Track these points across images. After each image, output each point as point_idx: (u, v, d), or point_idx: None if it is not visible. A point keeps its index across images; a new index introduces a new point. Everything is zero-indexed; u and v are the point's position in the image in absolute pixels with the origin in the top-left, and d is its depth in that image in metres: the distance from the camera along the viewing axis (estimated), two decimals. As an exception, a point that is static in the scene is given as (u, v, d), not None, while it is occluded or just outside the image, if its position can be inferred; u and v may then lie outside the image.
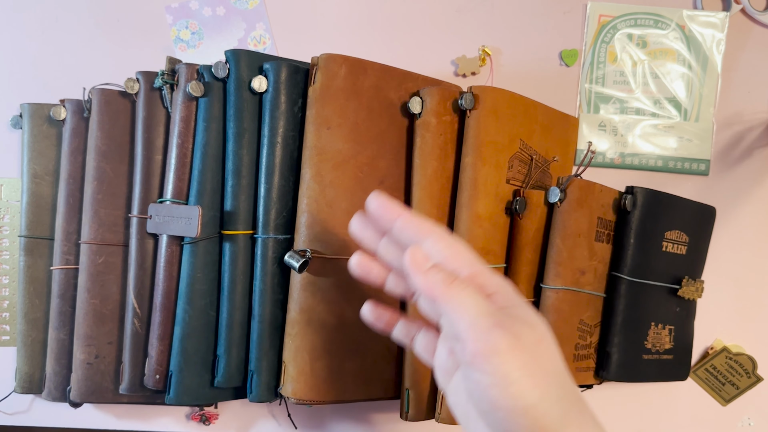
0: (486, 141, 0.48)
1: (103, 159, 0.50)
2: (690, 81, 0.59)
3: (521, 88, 0.51)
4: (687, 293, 0.53)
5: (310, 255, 0.46)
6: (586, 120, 0.59)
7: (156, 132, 0.50)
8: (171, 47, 0.60)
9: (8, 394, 0.56)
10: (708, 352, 0.58)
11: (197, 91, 0.47)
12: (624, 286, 0.51)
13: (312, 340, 0.47)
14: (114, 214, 0.51)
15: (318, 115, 0.47)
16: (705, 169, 0.59)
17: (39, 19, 0.59)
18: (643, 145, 0.59)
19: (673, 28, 0.59)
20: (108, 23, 0.59)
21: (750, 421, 0.59)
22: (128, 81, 0.50)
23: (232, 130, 0.48)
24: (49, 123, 0.54)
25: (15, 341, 0.56)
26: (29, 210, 0.53)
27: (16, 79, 0.59)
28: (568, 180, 0.48)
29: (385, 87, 0.49)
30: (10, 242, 0.57)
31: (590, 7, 0.59)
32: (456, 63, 0.59)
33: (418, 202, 0.49)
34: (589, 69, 0.59)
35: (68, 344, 0.51)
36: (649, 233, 0.51)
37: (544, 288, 0.49)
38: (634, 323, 0.52)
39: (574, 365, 0.50)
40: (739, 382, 0.58)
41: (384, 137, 0.50)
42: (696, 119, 0.59)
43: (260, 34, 0.60)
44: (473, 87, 0.48)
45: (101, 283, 0.50)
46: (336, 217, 0.47)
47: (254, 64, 0.48)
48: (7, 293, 0.57)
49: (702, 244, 0.56)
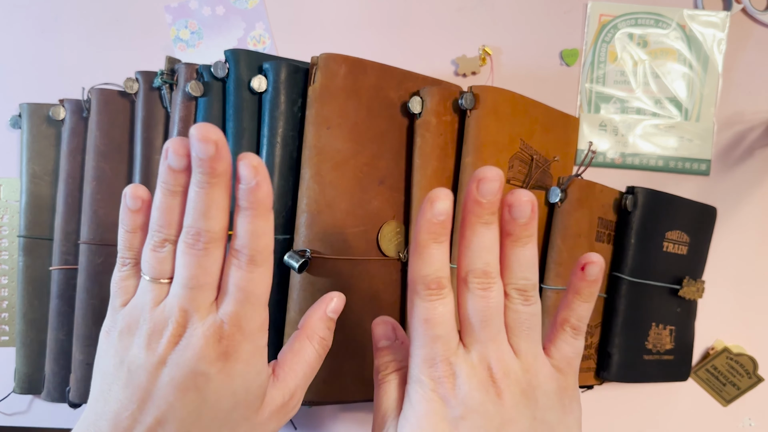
0: (486, 141, 0.48)
1: (102, 159, 0.50)
2: (691, 81, 0.59)
3: (521, 87, 0.51)
4: (688, 293, 0.53)
5: (309, 255, 0.46)
6: (587, 120, 0.59)
7: (155, 132, 0.50)
8: (170, 47, 0.60)
9: (7, 395, 0.55)
10: (709, 353, 0.58)
11: (196, 91, 0.47)
12: (625, 287, 0.51)
13: (312, 341, 0.47)
14: (113, 214, 0.51)
15: (318, 115, 0.47)
16: (706, 169, 0.59)
17: (38, 19, 0.59)
18: (644, 145, 0.59)
19: (673, 28, 0.58)
20: (107, 23, 0.59)
21: (751, 421, 0.59)
22: (127, 81, 0.50)
23: (232, 129, 0.48)
24: (48, 123, 0.54)
25: (14, 341, 0.56)
26: (28, 210, 0.53)
27: (15, 78, 0.59)
28: (569, 180, 0.48)
29: (385, 87, 0.49)
30: (9, 242, 0.57)
31: (591, 7, 0.59)
32: (456, 63, 0.59)
33: (418, 202, 0.49)
34: (590, 69, 0.59)
35: (67, 345, 0.51)
36: (649, 233, 0.51)
37: (545, 288, 0.49)
38: (635, 323, 0.51)
39: (575, 366, 0.50)
40: (740, 382, 0.58)
41: (384, 137, 0.49)
42: (697, 119, 0.59)
43: (260, 34, 0.60)
44: (473, 87, 0.48)
45: (100, 284, 0.50)
46: (336, 217, 0.47)
47: (254, 64, 0.48)
48: (6, 293, 0.57)
49: (703, 245, 0.56)
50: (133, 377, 0.28)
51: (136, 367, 0.28)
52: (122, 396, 0.28)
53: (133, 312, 0.30)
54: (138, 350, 0.28)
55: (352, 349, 0.49)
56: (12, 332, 0.57)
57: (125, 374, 0.28)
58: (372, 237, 0.49)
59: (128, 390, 0.28)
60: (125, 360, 0.28)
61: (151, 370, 0.28)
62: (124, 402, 0.28)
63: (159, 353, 0.28)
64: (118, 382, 0.28)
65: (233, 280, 0.29)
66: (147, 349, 0.28)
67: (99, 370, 0.30)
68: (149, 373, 0.28)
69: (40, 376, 0.53)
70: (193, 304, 0.28)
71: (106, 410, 0.28)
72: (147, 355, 0.28)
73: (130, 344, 0.29)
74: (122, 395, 0.28)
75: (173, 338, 0.28)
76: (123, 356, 0.28)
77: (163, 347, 0.28)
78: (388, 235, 0.50)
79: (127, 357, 0.28)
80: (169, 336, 0.28)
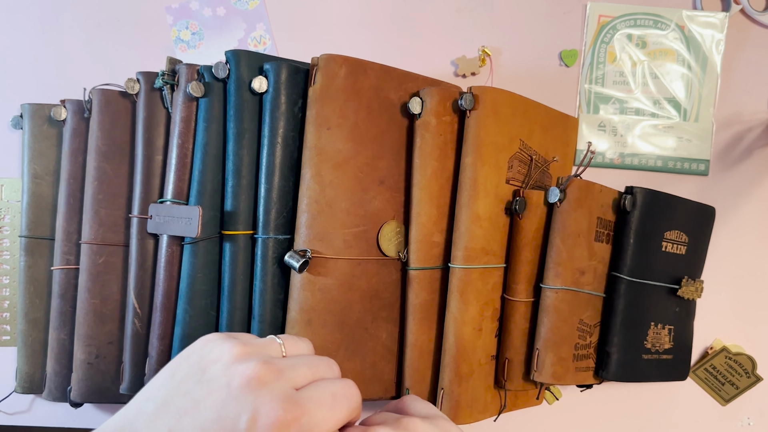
0: (486, 141, 0.48)
1: (103, 159, 0.51)
2: (689, 81, 0.59)
3: (521, 88, 0.52)
4: (686, 293, 0.53)
5: (310, 255, 0.46)
6: (586, 120, 0.59)
7: (156, 132, 0.50)
8: (171, 47, 0.60)
9: (9, 394, 0.56)
10: (707, 352, 0.58)
11: (197, 92, 0.47)
12: (623, 286, 0.51)
13: (312, 340, 0.47)
14: (114, 214, 0.51)
15: (318, 116, 0.47)
16: (704, 169, 0.59)
17: (39, 20, 0.59)
18: (643, 146, 0.59)
19: (672, 29, 0.59)
20: (108, 23, 0.59)
21: (750, 420, 0.59)
22: (129, 81, 0.50)
23: (233, 130, 0.48)
24: (49, 123, 0.54)
25: (15, 341, 0.56)
26: (30, 210, 0.53)
27: (17, 79, 0.59)
28: (568, 180, 0.48)
29: (385, 87, 0.50)
30: (10, 242, 0.57)
31: (590, 8, 0.59)
32: (456, 63, 0.59)
33: (418, 202, 0.49)
34: (589, 69, 0.59)
35: (69, 344, 0.51)
36: (648, 233, 0.51)
37: (544, 288, 0.49)
38: (634, 323, 0.52)
39: (574, 365, 0.50)
40: (738, 381, 0.58)
41: (384, 137, 0.50)
42: (695, 119, 0.59)
43: (260, 35, 0.60)
44: (473, 87, 0.48)
45: (102, 283, 0.50)
46: (336, 217, 0.47)
47: (254, 65, 0.48)
48: (7, 293, 0.57)
49: (701, 244, 0.56)
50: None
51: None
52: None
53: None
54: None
55: (352, 349, 0.49)
56: (13, 332, 0.57)
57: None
58: (372, 237, 0.49)
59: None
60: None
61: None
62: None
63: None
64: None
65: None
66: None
67: None
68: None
69: (42, 375, 0.53)
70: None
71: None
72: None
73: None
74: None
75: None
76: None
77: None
78: (388, 235, 0.50)
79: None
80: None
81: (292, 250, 0.47)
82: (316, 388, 0.28)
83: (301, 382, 0.28)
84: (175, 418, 0.26)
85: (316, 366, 0.30)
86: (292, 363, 0.29)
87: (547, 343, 0.48)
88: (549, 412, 0.59)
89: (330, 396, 0.28)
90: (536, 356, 0.49)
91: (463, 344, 0.48)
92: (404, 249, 0.51)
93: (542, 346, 0.49)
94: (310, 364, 0.29)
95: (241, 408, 0.25)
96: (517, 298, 0.50)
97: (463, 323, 0.48)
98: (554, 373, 0.48)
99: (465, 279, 0.48)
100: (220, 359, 0.27)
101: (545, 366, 0.48)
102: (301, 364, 0.29)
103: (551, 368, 0.48)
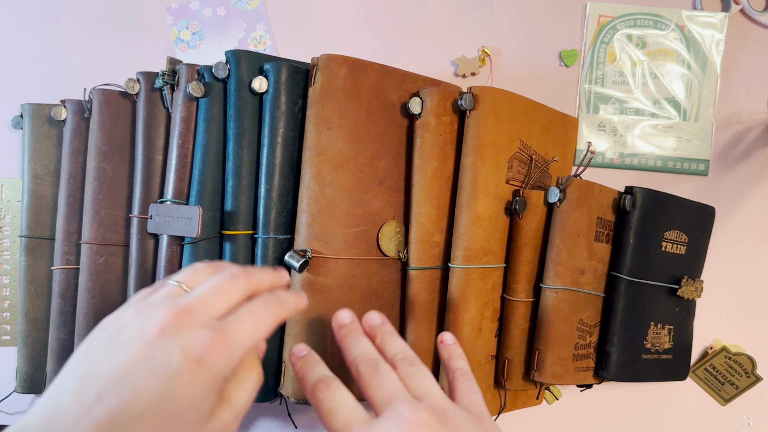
0: (486, 141, 0.48)
1: (103, 159, 0.51)
2: (689, 81, 0.59)
3: (521, 88, 0.52)
4: (686, 293, 0.53)
5: (310, 255, 0.46)
6: (586, 120, 0.59)
7: (156, 132, 0.50)
8: (171, 48, 0.60)
9: (9, 394, 0.56)
10: (707, 352, 0.58)
11: (198, 92, 0.48)
12: (623, 286, 0.51)
13: (312, 341, 0.47)
14: (115, 214, 0.51)
15: (318, 116, 0.47)
16: (704, 169, 0.59)
17: (40, 20, 0.59)
18: (643, 146, 0.59)
19: (672, 29, 0.59)
20: (108, 24, 0.60)
21: (749, 420, 0.59)
22: (129, 81, 0.50)
23: (233, 130, 0.48)
24: (49, 123, 0.54)
25: (16, 341, 0.56)
26: (30, 210, 0.53)
27: (17, 79, 0.59)
28: (568, 180, 0.48)
29: (385, 87, 0.50)
30: (10, 242, 0.57)
31: (590, 8, 0.59)
32: (456, 63, 0.59)
33: (418, 202, 0.49)
34: (589, 69, 0.59)
35: (69, 344, 0.51)
36: (648, 233, 0.51)
37: (544, 288, 0.49)
38: (634, 323, 0.52)
39: (574, 365, 0.50)
40: (738, 381, 0.58)
41: (384, 137, 0.50)
42: (695, 119, 0.59)
43: (260, 35, 0.60)
44: (473, 87, 0.48)
45: (102, 283, 0.50)
46: (336, 217, 0.47)
47: (254, 65, 0.48)
48: (7, 293, 0.57)
49: (701, 244, 0.56)
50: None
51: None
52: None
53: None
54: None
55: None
56: (14, 332, 0.57)
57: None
58: (372, 237, 0.49)
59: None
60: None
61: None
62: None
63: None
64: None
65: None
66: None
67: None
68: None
69: (42, 375, 0.53)
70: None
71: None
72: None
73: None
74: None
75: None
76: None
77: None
78: (388, 234, 0.50)
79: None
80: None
81: (292, 250, 0.47)
82: (235, 314, 0.30)
83: (218, 309, 0.30)
84: (102, 382, 0.26)
85: (224, 290, 0.31)
86: (200, 297, 0.30)
87: (547, 343, 0.48)
88: (549, 412, 0.59)
89: (249, 313, 0.30)
90: (536, 356, 0.49)
91: (462, 344, 0.48)
92: (404, 249, 0.51)
93: (542, 345, 0.49)
94: (218, 292, 0.31)
95: (167, 351, 0.27)
96: (517, 298, 0.50)
97: (462, 323, 0.48)
98: (554, 372, 0.48)
99: (465, 279, 0.48)
100: (129, 324, 0.28)
101: (545, 366, 0.48)
102: (209, 293, 0.30)
103: (551, 368, 0.48)
